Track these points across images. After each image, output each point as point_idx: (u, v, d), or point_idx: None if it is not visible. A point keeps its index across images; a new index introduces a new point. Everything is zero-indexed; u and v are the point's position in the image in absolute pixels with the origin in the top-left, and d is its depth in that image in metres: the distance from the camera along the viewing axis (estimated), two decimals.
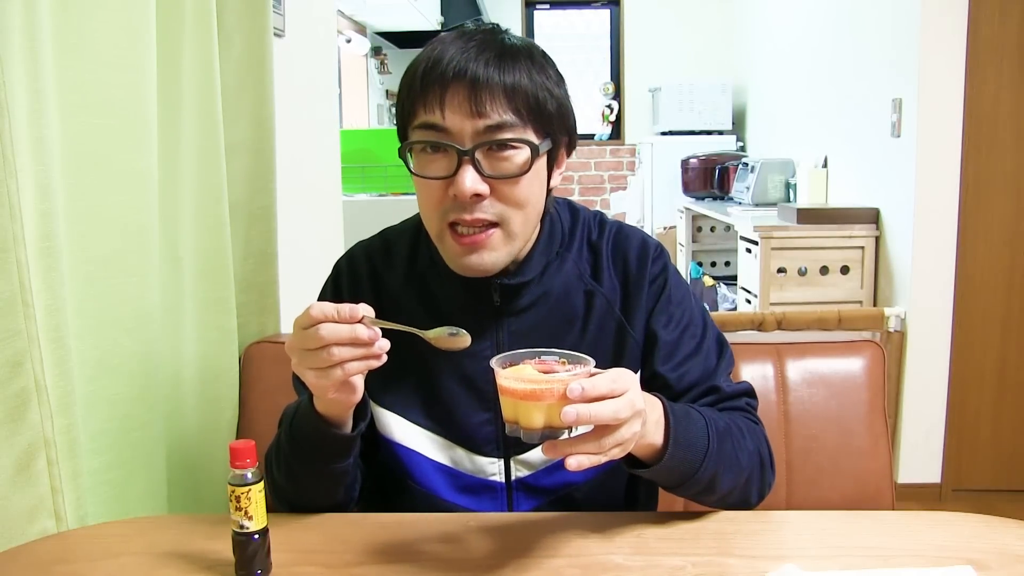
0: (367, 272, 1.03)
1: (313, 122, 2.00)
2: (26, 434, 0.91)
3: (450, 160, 0.88)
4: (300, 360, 0.80)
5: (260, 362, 1.38)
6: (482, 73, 0.86)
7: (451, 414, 0.98)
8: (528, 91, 0.88)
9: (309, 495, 0.96)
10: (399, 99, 0.93)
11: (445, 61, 0.87)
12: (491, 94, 0.86)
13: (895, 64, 2.84)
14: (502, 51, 0.88)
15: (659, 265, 1.01)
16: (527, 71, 0.88)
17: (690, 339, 1.00)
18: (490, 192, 0.88)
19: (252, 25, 1.39)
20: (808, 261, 3.03)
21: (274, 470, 0.97)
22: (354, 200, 3.15)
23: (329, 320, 0.78)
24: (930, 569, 0.81)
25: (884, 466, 1.24)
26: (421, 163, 0.90)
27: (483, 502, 0.99)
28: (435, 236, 0.94)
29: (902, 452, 2.81)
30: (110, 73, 1.05)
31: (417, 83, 0.88)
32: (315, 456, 0.92)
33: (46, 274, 0.94)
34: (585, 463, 0.73)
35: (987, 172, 2.66)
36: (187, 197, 1.26)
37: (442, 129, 0.87)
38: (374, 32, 4.95)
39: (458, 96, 0.86)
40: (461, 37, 0.90)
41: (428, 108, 0.87)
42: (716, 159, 4.55)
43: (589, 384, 0.73)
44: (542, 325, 0.98)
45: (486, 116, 0.86)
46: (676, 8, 5.56)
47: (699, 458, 0.87)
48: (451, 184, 0.88)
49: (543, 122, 0.90)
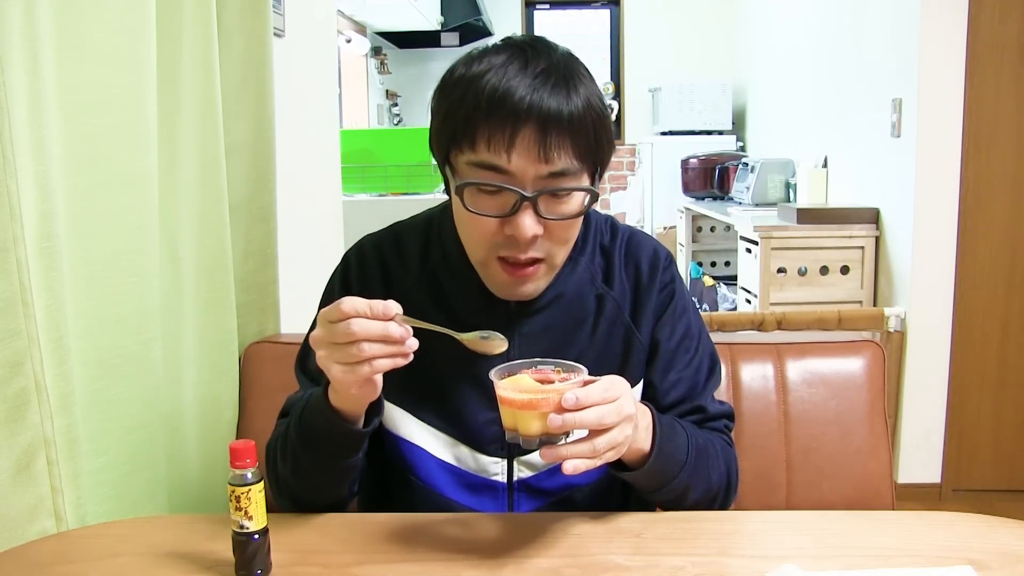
0: (377, 265, 1.02)
1: (313, 122, 2.00)
2: (26, 434, 0.91)
3: (508, 201, 0.86)
4: (328, 354, 0.80)
5: (260, 362, 1.38)
6: (553, 110, 0.83)
7: (458, 412, 0.99)
8: (590, 129, 0.86)
9: (314, 490, 0.96)
10: (448, 113, 0.87)
11: (515, 97, 0.82)
12: (558, 137, 0.84)
13: (895, 64, 2.84)
14: (567, 79, 0.85)
15: (669, 274, 1.04)
16: (587, 99, 0.86)
17: (684, 353, 1.02)
18: (542, 232, 0.88)
19: (252, 25, 1.39)
20: (808, 261, 3.03)
21: (278, 464, 0.96)
22: (354, 200, 3.16)
23: (361, 316, 0.78)
24: (930, 569, 0.81)
25: (884, 466, 1.24)
26: (475, 200, 0.87)
27: (484, 501, 0.99)
28: (478, 262, 0.94)
29: (902, 452, 2.81)
30: (110, 73, 1.05)
31: (481, 110, 0.84)
32: (326, 450, 0.91)
33: (46, 274, 0.94)
34: (581, 467, 0.77)
35: (987, 172, 2.66)
36: (187, 197, 1.26)
37: (505, 172, 0.85)
38: (374, 32, 4.96)
39: (527, 139, 0.83)
40: (526, 66, 0.85)
41: (494, 148, 0.84)
42: (716, 159, 4.55)
43: (583, 393, 0.77)
44: (553, 327, 0.99)
45: (552, 163, 0.85)
46: (676, 8, 5.56)
47: (677, 469, 0.92)
48: (506, 223, 0.87)
49: (598, 161, 0.90)
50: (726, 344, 1.29)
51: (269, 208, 1.46)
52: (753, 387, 1.27)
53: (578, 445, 0.78)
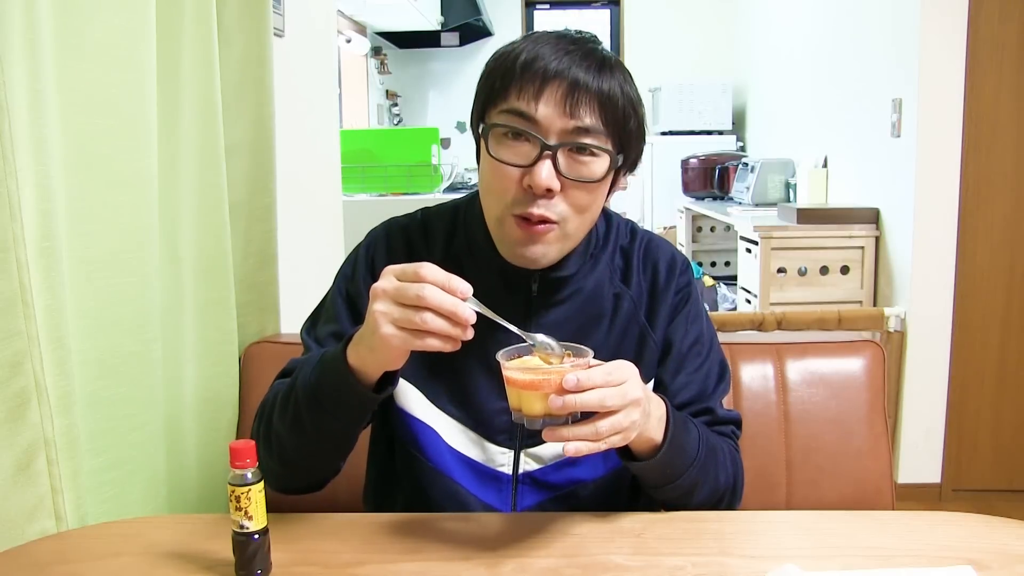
0: (403, 245, 1.03)
1: (313, 122, 2.00)
2: (26, 434, 0.91)
3: (531, 151, 0.88)
4: (387, 310, 0.78)
5: (260, 362, 1.38)
6: (582, 77, 0.87)
7: (471, 398, 0.99)
8: (619, 104, 0.90)
9: (307, 454, 0.93)
10: (485, 81, 0.92)
11: (549, 57, 0.88)
12: (587, 98, 0.87)
13: (895, 64, 2.84)
14: (602, 62, 0.90)
15: (685, 279, 1.05)
16: (620, 85, 0.90)
17: (695, 357, 1.03)
18: (560, 190, 0.89)
19: (252, 25, 1.39)
20: (808, 261, 3.03)
21: (273, 419, 0.93)
22: (354, 200, 3.16)
23: (438, 285, 0.77)
24: (930, 569, 0.81)
25: (884, 466, 1.24)
26: (500, 147, 0.90)
27: (488, 490, 0.99)
28: (494, 219, 0.94)
29: (902, 452, 2.81)
30: (110, 73, 1.05)
31: (516, 70, 0.89)
32: (332, 410, 0.88)
33: (46, 274, 0.94)
34: (583, 449, 0.77)
35: (987, 172, 2.66)
36: (187, 197, 1.26)
37: (531, 119, 0.88)
38: (374, 32, 4.96)
39: (556, 92, 0.87)
40: (561, 40, 0.91)
41: (522, 96, 0.88)
42: (716, 159, 4.55)
43: (584, 375, 0.77)
44: (571, 320, 1.00)
45: (578, 117, 0.87)
46: (676, 8, 5.56)
47: (687, 464, 0.92)
48: (525, 174, 0.88)
49: (624, 137, 0.92)
50: (726, 344, 1.29)
51: (269, 208, 1.46)
52: (753, 387, 1.27)
53: (580, 427, 0.78)
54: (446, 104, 5.67)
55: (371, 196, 3.32)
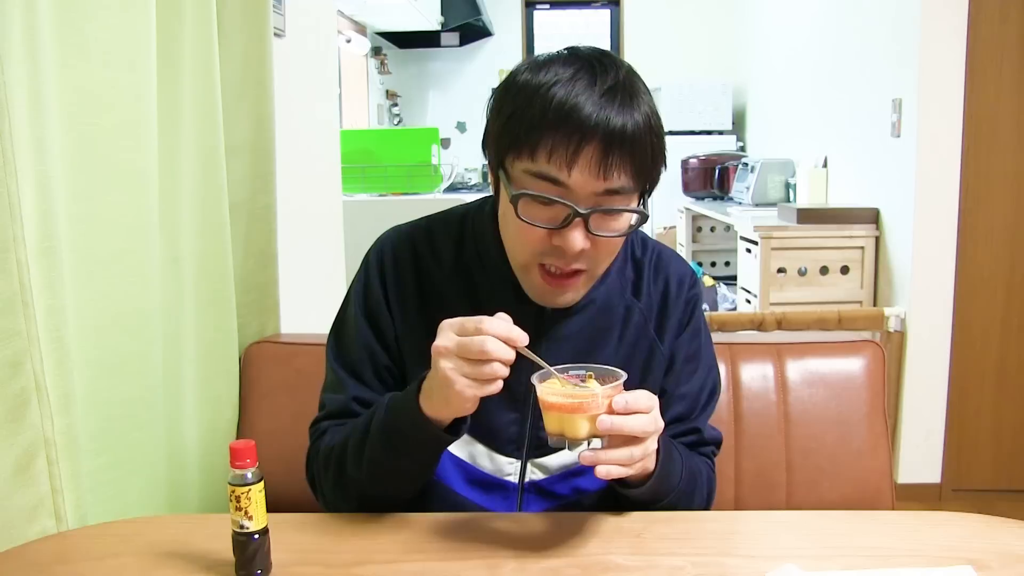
0: (410, 256, 1.02)
1: (313, 122, 2.00)
2: (26, 434, 0.91)
3: (561, 213, 0.86)
4: (456, 366, 0.80)
5: (260, 362, 1.38)
6: (617, 129, 0.83)
7: (480, 411, 0.98)
8: (647, 149, 0.86)
9: (390, 490, 0.96)
10: (508, 120, 0.87)
11: (583, 112, 0.82)
12: (620, 155, 0.84)
13: (895, 64, 2.84)
14: (631, 96, 0.86)
15: (694, 293, 1.06)
16: (647, 117, 0.86)
17: (690, 373, 1.04)
18: (590, 246, 0.89)
19: (252, 25, 1.39)
20: (808, 261, 3.03)
21: (347, 467, 0.94)
22: (354, 200, 3.16)
23: (500, 338, 0.79)
24: (930, 569, 0.81)
25: (884, 466, 1.24)
26: (529, 209, 0.87)
27: (494, 500, 1.00)
28: (519, 265, 0.94)
29: (902, 452, 2.81)
30: (110, 73, 1.05)
31: (546, 126, 0.83)
32: (413, 454, 0.91)
33: (46, 274, 0.94)
34: (614, 472, 0.81)
35: (987, 172, 2.66)
36: (187, 197, 1.26)
37: (563, 185, 0.85)
38: (374, 32, 4.96)
39: (589, 156, 0.83)
40: (587, 73, 0.85)
41: (555, 161, 0.84)
42: (716, 159, 4.55)
43: (632, 397, 0.82)
44: (582, 332, 1.00)
45: (610, 180, 0.85)
46: (676, 8, 5.56)
47: (669, 490, 0.95)
48: (555, 234, 0.87)
49: (650, 180, 0.90)
50: (726, 344, 1.29)
51: (269, 208, 1.46)
52: (753, 387, 1.27)
53: (617, 451, 0.82)
54: (446, 104, 5.67)
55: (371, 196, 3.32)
